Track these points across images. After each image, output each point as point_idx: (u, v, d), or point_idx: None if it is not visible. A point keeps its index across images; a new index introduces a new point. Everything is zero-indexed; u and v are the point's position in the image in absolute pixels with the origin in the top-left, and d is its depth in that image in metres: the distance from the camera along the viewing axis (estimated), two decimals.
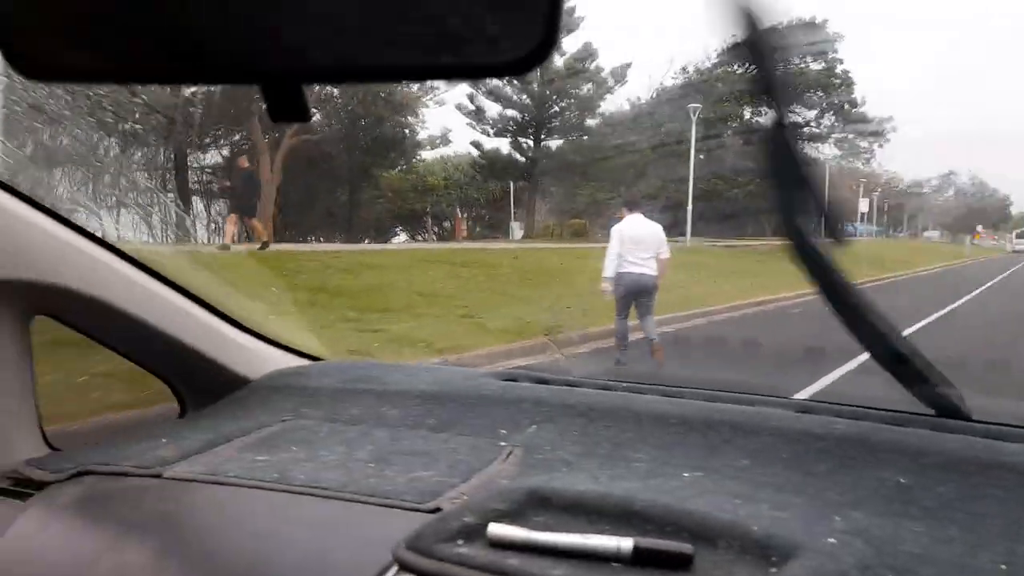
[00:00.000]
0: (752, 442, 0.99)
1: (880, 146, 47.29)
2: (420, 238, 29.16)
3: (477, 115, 31.38)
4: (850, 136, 48.41)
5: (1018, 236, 65.32)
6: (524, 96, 31.78)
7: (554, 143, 32.27)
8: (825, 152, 47.01)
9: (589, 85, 31.54)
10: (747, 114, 30.79)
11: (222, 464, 1.05)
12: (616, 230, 7.56)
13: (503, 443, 1.07)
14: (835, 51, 42.11)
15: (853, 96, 45.26)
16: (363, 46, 0.41)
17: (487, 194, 30.63)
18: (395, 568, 0.76)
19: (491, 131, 32.06)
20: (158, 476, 1.03)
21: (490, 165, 31.29)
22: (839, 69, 41.97)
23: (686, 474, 0.93)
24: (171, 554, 0.88)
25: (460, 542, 0.76)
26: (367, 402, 1.25)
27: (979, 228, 71.82)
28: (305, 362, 1.47)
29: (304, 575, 0.82)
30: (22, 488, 1.07)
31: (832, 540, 0.73)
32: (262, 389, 1.34)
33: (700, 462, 0.96)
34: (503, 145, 31.93)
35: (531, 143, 31.86)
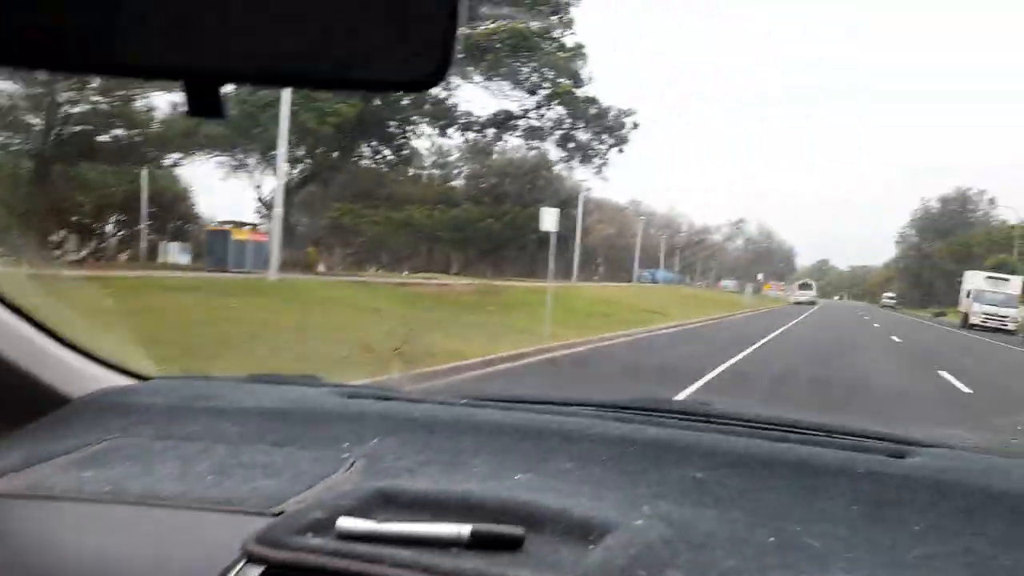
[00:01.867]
0: (575, 447, 1.11)
1: (620, 150, 38.29)
2: None
3: None
4: (584, 135, 38.14)
5: (800, 287, 71.64)
6: None
7: None
8: (551, 153, 39.08)
9: None
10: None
11: (45, 480, 1.01)
12: None
13: (345, 455, 1.11)
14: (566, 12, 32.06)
15: (581, 73, 34.32)
16: (279, 54, 0.47)
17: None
18: (243, 562, 0.78)
19: None
20: None
21: None
22: (568, 40, 32.75)
23: (519, 476, 1.02)
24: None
25: (310, 535, 0.79)
26: (204, 420, 1.24)
27: (760, 277, 76.75)
28: (133, 381, 1.42)
29: None
30: None
31: (640, 522, 0.86)
32: (86, 408, 1.28)
33: (532, 465, 1.06)
34: None
35: None
